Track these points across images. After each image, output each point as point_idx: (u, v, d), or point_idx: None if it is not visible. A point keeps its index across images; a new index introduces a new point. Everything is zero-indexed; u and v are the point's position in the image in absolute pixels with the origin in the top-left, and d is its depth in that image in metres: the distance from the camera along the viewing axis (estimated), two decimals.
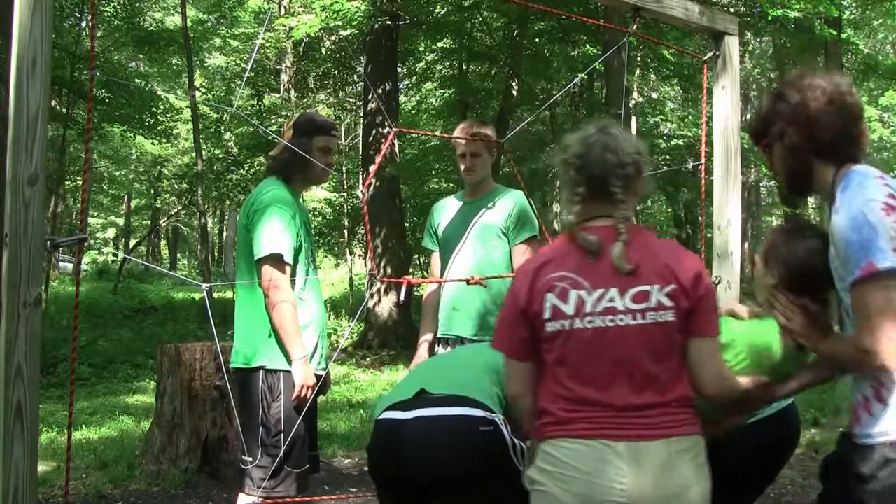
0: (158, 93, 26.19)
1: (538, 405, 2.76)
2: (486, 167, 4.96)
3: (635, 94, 24.43)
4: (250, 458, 4.16)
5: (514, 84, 21.86)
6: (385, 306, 17.58)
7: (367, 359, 16.48)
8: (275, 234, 4.12)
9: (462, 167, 4.92)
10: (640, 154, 2.83)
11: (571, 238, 2.76)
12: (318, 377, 4.30)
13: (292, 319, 4.11)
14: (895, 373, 2.61)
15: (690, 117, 24.64)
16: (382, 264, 17.34)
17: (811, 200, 29.62)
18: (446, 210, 5.11)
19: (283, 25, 18.08)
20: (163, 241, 50.98)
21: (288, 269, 4.15)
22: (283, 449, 4.10)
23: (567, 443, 2.65)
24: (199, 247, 25.84)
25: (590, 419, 2.64)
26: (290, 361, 4.13)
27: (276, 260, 4.10)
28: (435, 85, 25.83)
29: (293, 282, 4.21)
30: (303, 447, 4.20)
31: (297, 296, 4.22)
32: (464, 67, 23.00)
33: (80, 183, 26.26)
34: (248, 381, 4.18)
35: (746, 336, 3.18)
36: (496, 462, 3.13)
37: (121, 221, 46.56)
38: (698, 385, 2.72)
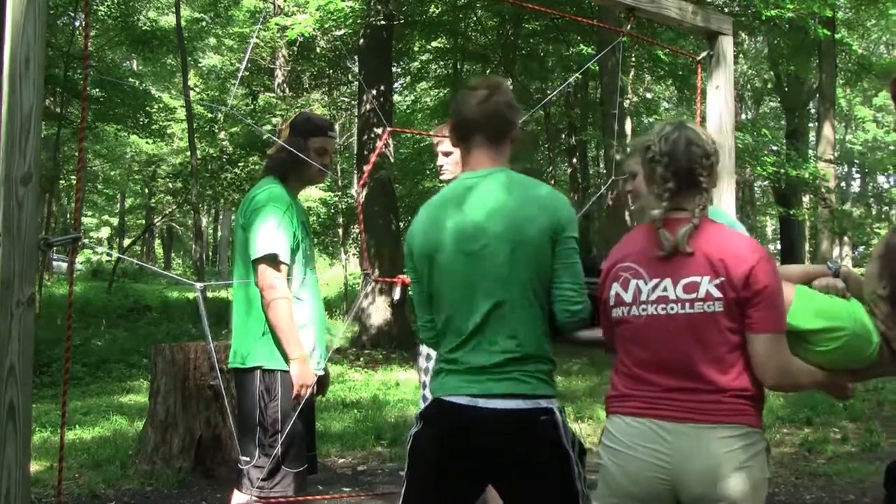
0: (153, 92, 26.16)
1: (612, 379, 2.97)
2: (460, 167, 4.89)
3: (629, 94, 24.45)
4: (247, 458, 4.15)
5: (508, 83, 21.87)
6: (379, 306, 17.58)
7: (361, 358, 16.48)
8: (271, 233, 4.11)
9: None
10: (716, 146, 2.95)
11: (649, 230, 2.87)
12: (317, 377, 4.30)
13: (288, 318, 4.08)
14: None
15: (685, 117, 24.66)
16: (377, 264, 17.34)
17: (805, 201, 29.71)
18: None
19: (278, 25, 18.07)
20: (157, 241, 50.92)
21: (284, 268, 4.14)
22: (279, 449, 4.10)
23: (621, 419, 2.84)
24: (193, 246, 25.83)
25: (644, 398, 2.80)
26: (287, 361, 4.13)
27: (272, 260, 4.08)
28: (429, 84, 25.85)
29: (291, 281, 4.21)
30: (300, 447, 4.19)
31: (294, 295, 4.22)
32: (458, 67, 23.01)
33: (74, 182, 26.22)
34: (245, 381, 4.17)
35: (853, 318, 2.95)
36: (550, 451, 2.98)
37: (115, 221, 46.57)
38: (760, 377, 2.77)
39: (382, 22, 17.18)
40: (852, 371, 2.98)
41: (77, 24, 20.96)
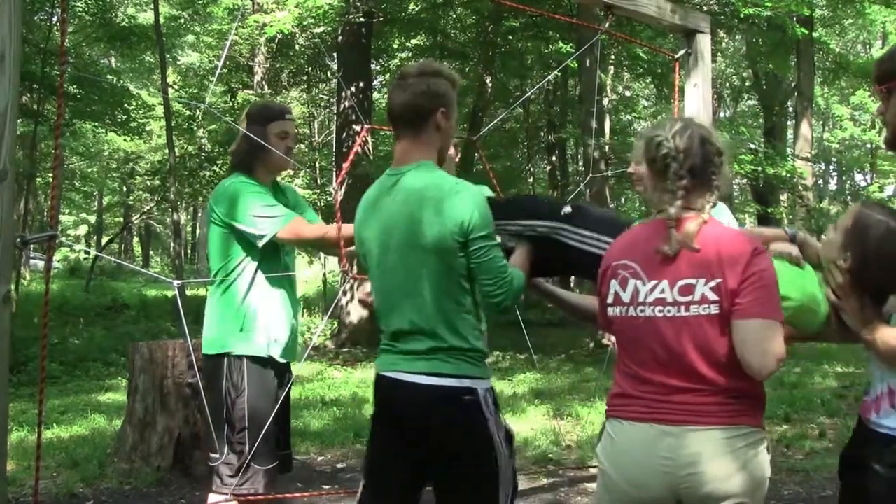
0: (131, 89, 26.01)
1: (614, 380, 2.97)
2: (453, 162, 4.90)
3: (608, 92, 24.48)
4: (217, 455, 4.14)
5: (487, 81, 21.87)
6: (358, 304, 17.49)
7: (341, 356, 16.46)
8: (266, 211, 4.16)
9: None
10: (724, 141, 2.98)
11: (656, 227, 2.86)
12: (281, 366, 4.31)
13: (312, 230, 4.31)
14: None
15: (664, 115, 24.73)
16: (355, 261, 17.24)
17: (783, 198, 29.85)
18: None
19: (257, 22, 18.00)
20: (135, 239, 50.73)
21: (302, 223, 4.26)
22: (248, 445, 4.09)
23: (621, 423, 2.85)
24: (171, 244, 25.71)
25: (646, 401, 2.80)
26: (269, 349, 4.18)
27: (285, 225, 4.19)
28: None
29: (265, 265, 4.25)
30: (270, 444, 4.18)
31: (271, 285, 4.24)
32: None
33: (51, 179, 26.06)
34: (214, 369, 4.18)
35: (802, 290, 3.01)
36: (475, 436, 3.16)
37: (93, 218, 46.31)
38: (744, 365, 2.73)
39: (361, 19, 17.15)
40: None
41: (54, 19, 20.81)
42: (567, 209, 3.58)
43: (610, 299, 2.90)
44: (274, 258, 4.29)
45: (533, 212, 3.50)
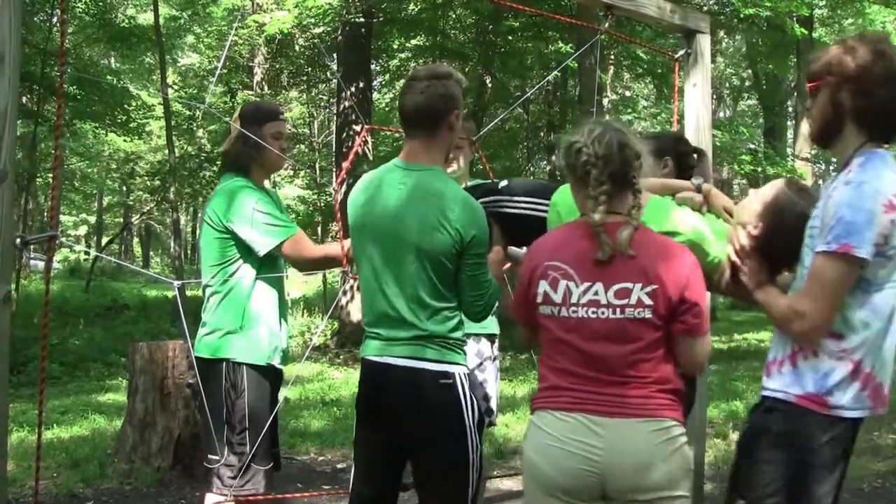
0: (130, 90, 26.00)
1: (539, 375, 3.05)
2: (466, 161, 4.92)
3: (608, 92, 24.48)
4: (216, 458, 4.13)
5: (487, 81, 21.86)
6: (358, 303, 17.48)
7: (341, 356, 16.45)
8: (269, 220, 4.15)
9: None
10: (640, 140, 3.03)
11: (583, 232, 2.91)
12: (278, 371, 4.31)
13: (315, 250, 4.30)
14: (816, 346, 2.85)
15: (663, 115, 24.73)
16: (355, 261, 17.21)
17: None
18: None
19: (256, 22, 18.00)
20: (135, 239, 50.72)
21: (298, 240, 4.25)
22: (248, 446, 4.09)
23: (550, 414, 2.90)
24: (171, 244, 25.70)
25: (575, 392, 2.88)
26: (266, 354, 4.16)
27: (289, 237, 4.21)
28: None
29: (263, 269, 4.24)
30: (267, 444, 4.19)
31: (268, 290, 4.23)
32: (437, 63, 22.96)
33: (51, 180, 26.07)
34: (211, 374, 4.15)
35: (692, 228, 3.29)
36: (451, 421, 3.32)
37: (93, 219, 46.29)
38: (690, 371, 3.03)
39: (361, 19, 17.14)
40: None
41: (54, 20, 20.80)
42: (504, 183, 3.91)
43: (539, 298, 2.94)
44: (272, 263, 4.27)
45: (477, 193, 3.77)
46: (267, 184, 4.59)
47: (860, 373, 2.85)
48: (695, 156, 4.04)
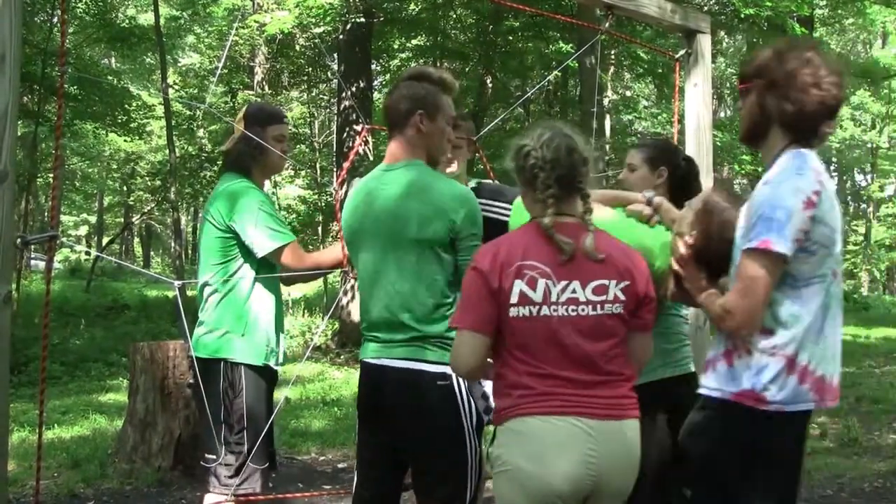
0: (131, 90, 26.01)
1: (508, 381, 2.96)
2: (464, 161, 4.90)
3: (609, 92, 24.49)
4: (213, 457, 4.13)
5: (487, 81, 21.86)
6: (359, 303, 17.45)
7: (342, 356, 16.45)
8: (272, 223, 4.15)
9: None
10: (589, 146, 3.07)
11: (538, 233, 2.93)
12: (275, 373, 4.31)
13: (307, 260, 4.29)
14: (749, 344, 2.93)
15: (664, 115, 24.73)
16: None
17: None
18: None
19: (257, 22, 18.00)
20: (136, 239, 50.71)
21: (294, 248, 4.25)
22: (246, 446, 4.09)
23: (538, 420, 2.88)
24: (172, 244, 25.70)
25: (565, 396, 2.88)
26: (263, 354, 4.16)
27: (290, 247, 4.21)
28: None
29: (262, 270, 4.23)
30: (264, 443, 4.18)
31: (267, 291, 4.23)
32: (437, 65, 22.98)
33: (52, 180, 26.07)
34: (209, 373, 4.14)
35: (635, 238, 3.35)
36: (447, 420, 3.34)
37: (93, 219, 46.28)
38: (639, 366, 3.12)
39: (361, 19, 17.14)
40: None
41: (54, 20, 20.80)
42: (472, 184, 4.02)
43: (514, 299, 2.89)
44: (270, 265, 4.26)
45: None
46: (268, 184, 4.60)
47: (796, 367, 2.91)
48: (685, 163, 4.02)
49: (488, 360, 3.03)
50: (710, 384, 3.04)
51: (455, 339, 3.02)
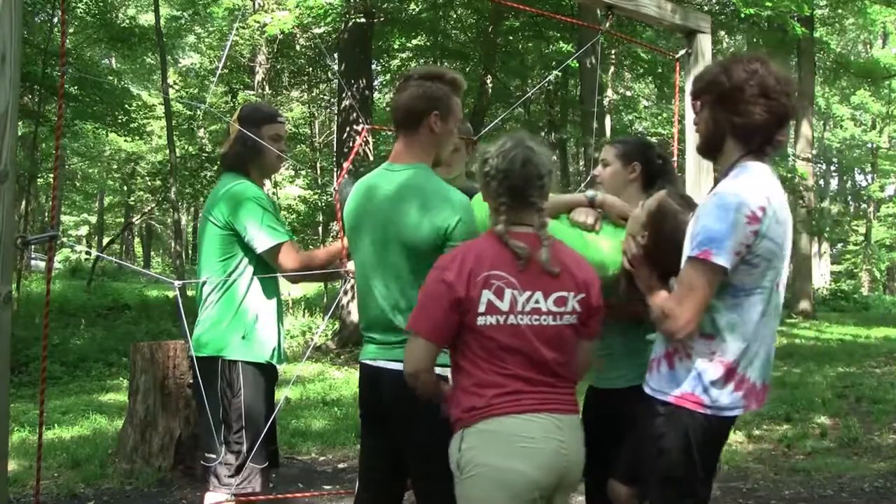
0: (131, 90, 26.03)
1: (477, 380, 3.00)
2: (462, 162, 4.88)
3: (609, 92, 24.49)
4: (213, 456, 4.13)
5: (488, 81, 21.87)
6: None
7: (342, 356, 16.45)
8: (272, 222, 4.14)
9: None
10: (553, 162, 3.10)
11: (500, 241, 2.98)
12: (275, 370, 4.30)
13: (298, 258, 4.22)
14: (689, 348, 3.04)
15: (664, 115, 24.74)
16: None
17: None
18: None
19: (257, 22, 18.00)
20: (136, 239, 50.71)
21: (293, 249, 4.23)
22: (246, 445, 4.08)
23: (515, 419, 2.95)
24: (172, 244, 25.68)
25: (538, 394, 2.99)
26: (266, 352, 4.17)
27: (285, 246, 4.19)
28: None
29: (261, 269, 4.22)
30: (264, 442, 4.16)
31: (267, 290, 4.23)
32: (438, 65, 23.00)
33: (52, 180, 26.07)
34: (208, 371, 4.12)
35: (583, 248, 3.41)
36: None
37: (94, 219, 46.28)
38: (582, 372, 3.21)
39: (362, 19, 17.14)
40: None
41: (55, 20, 20.81)
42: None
43: (482, 308, 2.94)
44: (271, 267, 4.25)
45: None
46: (268, 184, 4.59)
47: (734, 373, 3.03)
48: (660, 161, 3.99)
49: (440, 374, 3.13)
50: (654, 384, 3.15)
51: (409, 341, 3.07)
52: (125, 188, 40.42)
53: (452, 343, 3.04)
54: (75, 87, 20.58)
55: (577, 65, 18.38)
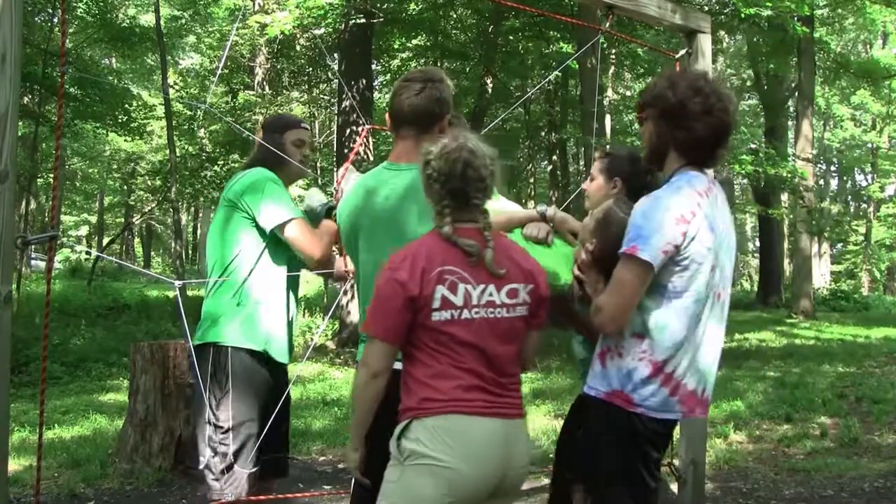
0: (132, 90, 26.03)
1: (434, 371, 2.98)
2: None
3: (609, 92, 24.48)
4: (202, 458, 4.06)
5: (488, 81, 21.87)
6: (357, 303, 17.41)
7: (342, 356, 16.45)
8: (284, 200, 4.09)
9: None
10: (494, 161, 3.08)
11: (448, 240, 2.99)
12: (280, 366, 4.21)
13: (314, 232, 4.12)
14: (620, 347, 3.17)
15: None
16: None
17: (784, 199, 29.83)
18: None
19: (257, 22, 18.00)
20: (136, 239, 50.71)
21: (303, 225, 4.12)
22: (232, 448, 3.97)
23: (468, 419, 2.93)
24: (173, 244, 25.69)
25: (487, 395, 2.97)
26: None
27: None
28: None
29: (270, 254, 4.15)
30: (253, 447, 4.05)
31: (275, 281, 4.17)
32: (438, 65, 23.01)
33: (52, 180, 26.06)
34: (200, 360, 4.04)
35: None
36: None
37: (94, 219, 46.28)
38: (526, 365, 3.24)
39: (362, 19, 17.14)
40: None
41: (55, 20, 20.81)
42: None
43: (437, 304, 2.93)
44: (281, 255, 4.19)
45: None
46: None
47: (663, 374, 3.14)
48: (648, 177, 3.99)
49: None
50: (589, 382, 3.28)
51: (365, 345, 3.07)
52: (125, 188, 40.43)
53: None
54: (75, 87, 20.59)
55: (577, 65, 18.37)
